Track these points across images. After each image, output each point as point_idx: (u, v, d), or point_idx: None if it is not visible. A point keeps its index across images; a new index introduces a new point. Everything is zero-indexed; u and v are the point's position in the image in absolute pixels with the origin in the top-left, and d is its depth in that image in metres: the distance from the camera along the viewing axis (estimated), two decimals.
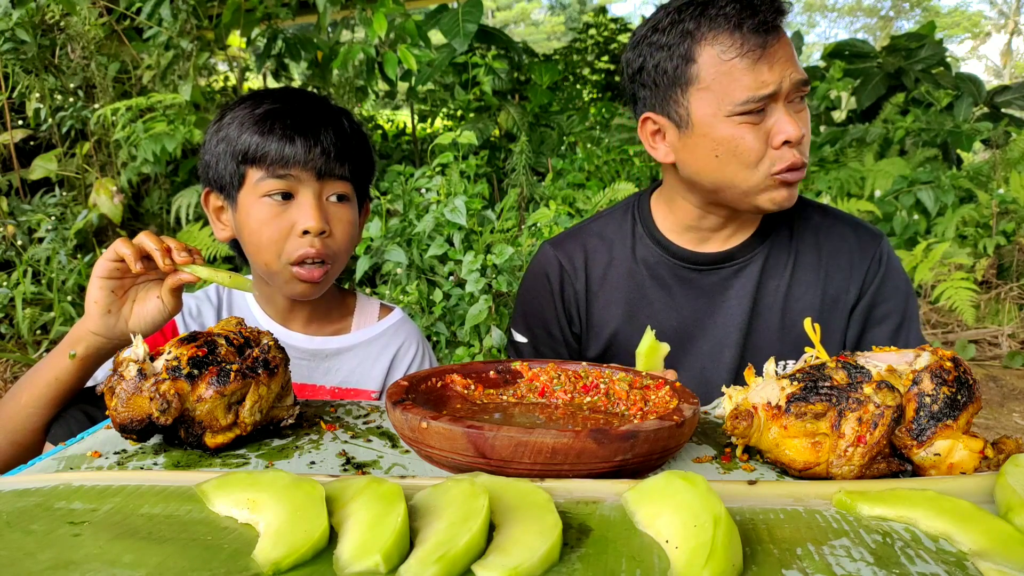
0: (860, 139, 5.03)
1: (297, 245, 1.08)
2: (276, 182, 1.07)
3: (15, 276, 3.66)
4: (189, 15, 3.81)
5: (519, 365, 0.95)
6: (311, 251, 1.08)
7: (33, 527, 0.57)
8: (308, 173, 1.08)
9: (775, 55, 1.06)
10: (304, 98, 1.15)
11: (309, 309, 1.25)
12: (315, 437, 0.84)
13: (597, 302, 1.28)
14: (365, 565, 0.50)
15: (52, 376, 0.98)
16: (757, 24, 1.05)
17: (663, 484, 0.59)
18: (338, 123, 1.13)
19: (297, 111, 1.11)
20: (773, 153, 1.08)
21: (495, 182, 4.64)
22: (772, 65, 1.05)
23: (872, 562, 0.53)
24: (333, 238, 1.11)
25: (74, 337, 0.97)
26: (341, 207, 1.12)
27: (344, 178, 1.12)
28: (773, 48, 1.06)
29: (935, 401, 0.69)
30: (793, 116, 1.07)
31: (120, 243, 0.93)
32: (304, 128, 1.08)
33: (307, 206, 1.08)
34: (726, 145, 1.09)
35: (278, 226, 1.08)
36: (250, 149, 1.08)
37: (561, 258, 1.30)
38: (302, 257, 1.08)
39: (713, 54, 1.07)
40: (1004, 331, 4.05)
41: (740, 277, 1.22)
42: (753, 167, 1.09)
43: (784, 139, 1.07)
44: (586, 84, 6.30)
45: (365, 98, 4.60)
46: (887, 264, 1.22)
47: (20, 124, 4.29)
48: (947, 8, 22.13)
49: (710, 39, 1.07)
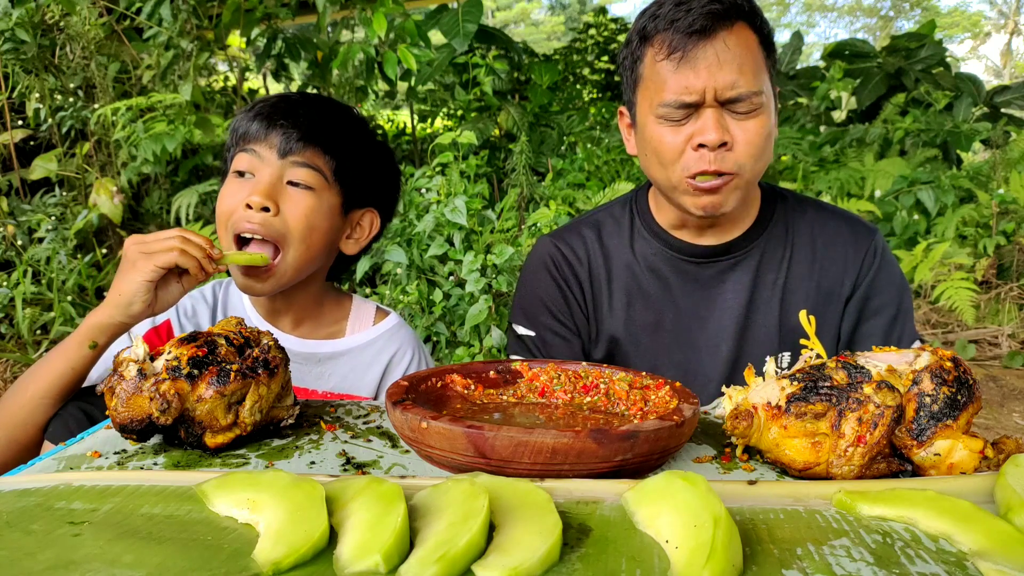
0: (860, 139, 5.03)
1: (240, 217, 1.09)
2: (241, 156, 1.11)
3: (15, 276, 3.66)
4: (189, 15, 3.82)
5: (519, 365, 0.95)
6: (247, 225, 1.08)
7: (33, 527, 0.57)
8: (270, 150, 1.10)
9: (703, 59, 1.06)
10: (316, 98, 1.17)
11: (297, 309, 1.23)
12: (315, 437, 0.84)
13: (600, 293, 1.28)
14: (365, 565, 0.50)
15: (66, 367, 1.00)
16: (686, 27, 1.06)
17: (663, 484, 0.59)
18: (328, 116, 1.14)
19: (293, 101, 1.14)
20: (689, 156, 1.09)
21: (495, 182, 4.64)
22: (697, 69, 1.06)
23: (872, 562, 0.53)
24: (280, 218, 1.09)
25: (93, 328, 0.99)
26: (299, 191, 1.11)
27: (309, 165, 1.11)
28: (701, 52, 1.06)
29: (935, 401, 0.69)
30: (718, 122, 1.07)
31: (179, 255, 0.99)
32: (277, 111, 1.11)
33: (257, 181, 1.10)
34: (651, 144, 1.13)
35: (231, 200, 1.10)
36: (237, 131, 1.13)
37: (563, 248, 1.30)
38: (240, 232, 1.09)
39: (651, 54, 1.11)
40: (1004, 331, 4.05)
41: (737, 270, 1.23)
42: (669, 167, 1.12)
43: (699, 143, 1.08)
44: (586, 84, 6.31)
45: (365, 98, 4.60)
46: (881, 257, 1.23)
47: (20, 124, 4.30)
48: (947, 8, 22.13)
49: (652, 39, 1.11)
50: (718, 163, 1.08)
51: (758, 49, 1.10)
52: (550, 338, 1.30)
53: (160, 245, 0.99)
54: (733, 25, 1.07)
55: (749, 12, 1.09)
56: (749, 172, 1.10)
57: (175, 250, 0.98)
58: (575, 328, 1.30)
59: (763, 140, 1.10)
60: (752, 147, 1.09)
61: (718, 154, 1.08)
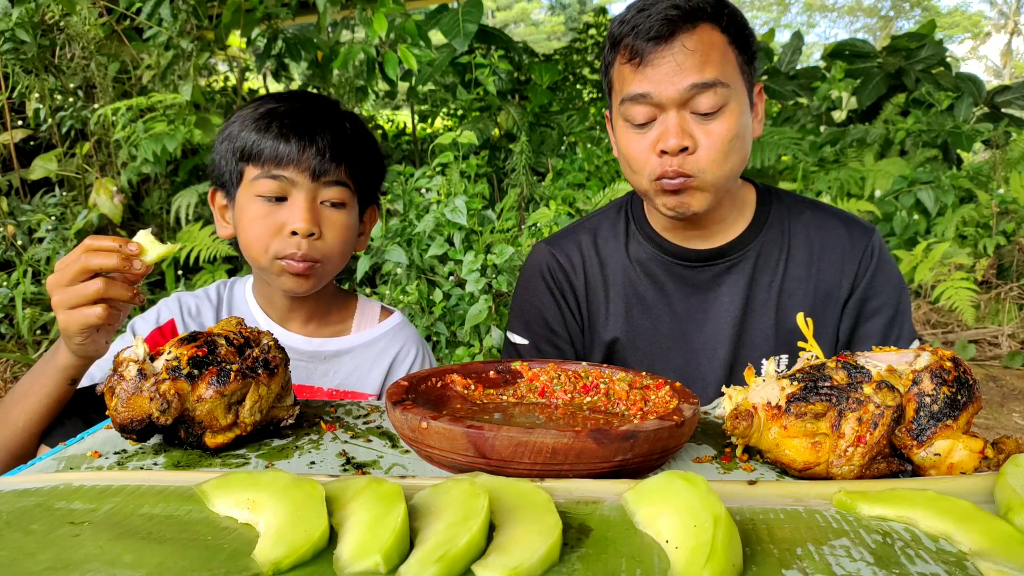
0: (860, 139, 5.03)
1: (284, 244, 1.09)
2: (270, 183, 1.08)
3: (15, 276, 3.66)
4: (189, 15, 3.81)
5: (519, 365, 0.95)
6: (296, 252, 1.09)
7: (33, 527, 0.57)
8: (302, 174, 1.09)
9: (661, 64, 1.06)
10: (309, 99, 1.16)
11: (308, 309, 1.24)
12: (315, 437, 0.84)
13: (596, 299, 1.29)
14: (365, 565, 0.50)
15: (49, 400, 0.98)
16: (645, 32, 1.06)
17: (663, 484, 0.59)
18: (339, 125, 1.13)
19: (297, 111, 1.11)
20: (653, 161, 1.10)
21: (495, 182, 4.64)
22: (656, 74, 1.06)
23: (872, 562, 0.53)
24: (323, 240, 1.11)
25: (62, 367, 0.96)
26: (335, 211, 1.13)
27: (340, 182, 1.12)
28: (660, 57, 1.06)
29: (935, 401, 0.69)
30: (680, 127, 1.07)
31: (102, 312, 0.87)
32: (300, 128, 1.09)
33: (297, 208, 1.08)
34: (620, 148, 1.16)
35: (267, 224, 1.09)
36: (247, 146, 1.09)
37: (558, 255, 1.31)
38: (289, 257, 1.10)
39: (619, 60, 1.12)
40: (1004, 331, 4.05)
41: (733, 273, 1.23)
42: (638, 173, 1.13)
43: (661, 148, 1.08)
44: (586, 84, 6.30)
45: (365, 98, 4.60)
46: (879, 257, 1.23)
47: (20, 124, 4.29)
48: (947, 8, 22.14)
49: (619, 45, 1.11)
50: (679, 165, 1.09)
51: (727, 48, 1.08)
52: (544, 347, 1.31)
53: (80, 297, 0.87)
54: (695, 28, 1.06)
55: (714, 13, 1.08)
56: (713, 175, 1.10)
57: (98, 305, 0.87)
58: (569, 338, 1.31)
59: (727, 143, 1.08)
60: (714, 150, 1.08)
61: (680, 158, 1.08)
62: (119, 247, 0.88)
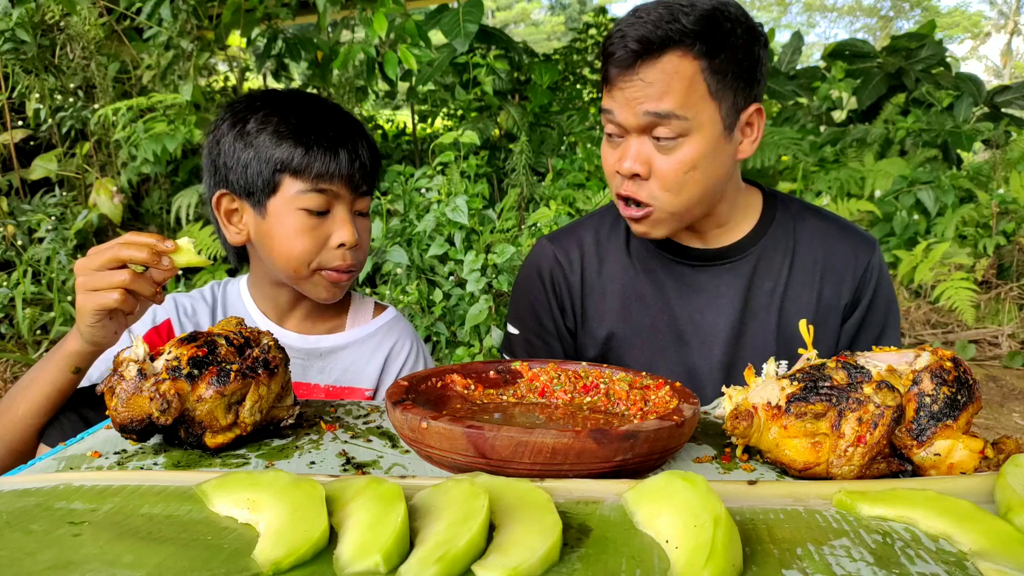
0: (861, 139, 5.03)
1: (331, 257, 1.13)
2: (317, 197, 1.10)
3: (15, 276, 3.66)
4: (189, 15, 3.81)
5: (519, 365, 0.95)
6: (343, 264, 1.13)
7: (33, 527, 0.57)
8: (345, 187, 1.12)
9: (624, 90, 1.07)
10: (327, 107, 1.17)
11: (305, 308, 1.25)
12: (315, 437, 0.84)
13: (592, 296, 1.29)
14: (365, 565, 0.50)
15: (52, 389, 0.98)
16: (612, 55, 1.08)
17: (663, 484, 0.59)
18: (362, 134, 1.16)
19: (332, 124, 1.13)
20: (616, 177, 1.14)
21: (495, 182, 4.64)
22: (619, 97, 1.08)
23: (872, 562, 0.53)
24: (360, 248, 1.16)
25: (70, 356, 0.96)
26: (364, 220, 1.19)
27: (369, 192, 1.18)
28: (624, 83, 1.07)
29: (935, 401, 0.69)
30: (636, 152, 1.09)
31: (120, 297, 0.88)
32: (344, 142, 1.12)
33: (343, 221, 1.12)
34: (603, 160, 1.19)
35: (314, 238, 1.11)
36: (293, 160, 1.09)
37: (557, 252, 1.32)
38: (335, 268, 1.14)
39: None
40: (1004, 331, 4.05)
41: (732, 275, 1.23)
42: (609, 183, 1.18)
43: (616, 169, 1.12)
44: (586, 84, 6.30)
45: (365, 98, 4.61)
46: (879, 273, 1.25)
47: (20, 124, 4.30)
48: (947, 8, 22.13)
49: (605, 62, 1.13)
50: (634, 190, 1.11)
51: (695, 77, 1.04)
52: (533, 340, 1.33)
53: (104, 281, 0.89)
54: (661, 57, 1.04)
55: (689, 39, 1.04)
56: (670, 205, 1.11)
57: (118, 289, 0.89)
58: (557, 334, 1.33)
59: (681, 175, 1.08)
60: (667, 181, 1.09)
61: (634, 182, 1.11)
62: (155, 243, 0.89)
